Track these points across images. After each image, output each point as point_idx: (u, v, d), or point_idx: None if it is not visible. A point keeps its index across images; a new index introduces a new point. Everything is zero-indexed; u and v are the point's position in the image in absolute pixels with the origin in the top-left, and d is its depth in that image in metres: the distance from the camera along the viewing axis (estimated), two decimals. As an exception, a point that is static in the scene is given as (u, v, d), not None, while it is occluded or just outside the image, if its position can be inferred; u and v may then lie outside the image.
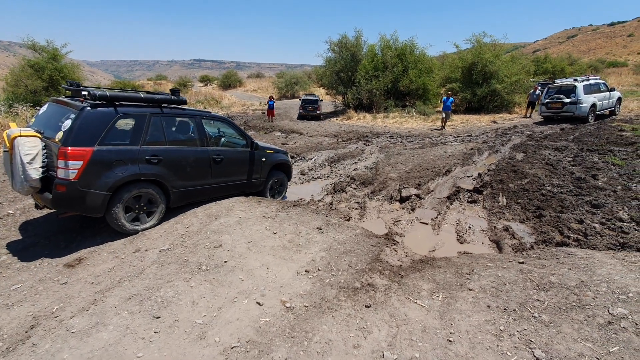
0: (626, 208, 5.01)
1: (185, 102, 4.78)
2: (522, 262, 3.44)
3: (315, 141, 12.87)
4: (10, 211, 5.00)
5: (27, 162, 3.53)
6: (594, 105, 13.54)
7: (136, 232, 4.17)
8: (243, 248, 3.70)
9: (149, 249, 3.77)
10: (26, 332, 2.56)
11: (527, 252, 4.03)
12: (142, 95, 4.33)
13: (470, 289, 3.03)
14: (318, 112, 20.81)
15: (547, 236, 4.47)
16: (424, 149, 10.53)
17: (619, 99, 15.26)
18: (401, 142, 12.26)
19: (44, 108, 4.32)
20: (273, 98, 19.52)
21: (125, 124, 4.17)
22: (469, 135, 12.90)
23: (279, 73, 54.28)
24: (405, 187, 6.62)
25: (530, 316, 2.60)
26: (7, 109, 12.78)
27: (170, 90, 4.81)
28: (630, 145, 8.73)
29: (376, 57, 20.87)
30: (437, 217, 5.43)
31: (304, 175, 8.19)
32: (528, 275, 3.15)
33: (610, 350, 2.20)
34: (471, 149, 9.88)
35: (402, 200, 6.15)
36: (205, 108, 26.94)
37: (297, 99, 32.99)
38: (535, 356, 2.22)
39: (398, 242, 4.35)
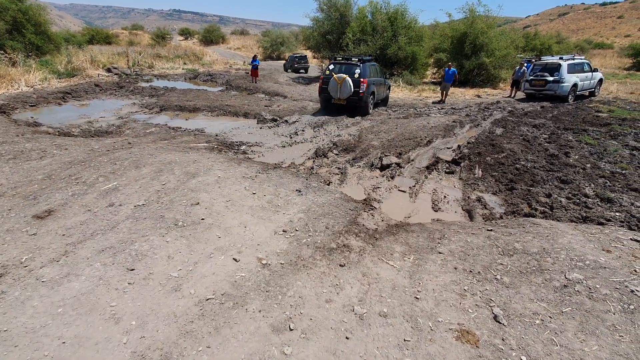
0: (592, 185, 5.27)
1: (373, 59, 11.97)
2: (491, 230, 3.61)
3: (300, 105, 12.58)
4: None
5: (351, 85, 10.00)
6: (575, 85, 13.73)
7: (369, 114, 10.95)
8: (221, 206, 3.68)
9: (123, 203, 3.69)
10: (-6, 280, 2.51)
11: (496, 221, 4.21)
12: (364, 57, 10.75)
13: (440, 252, 3.17)
14: (306, 64, 26.32)
15: (516, 207, 4.67)
16: (408, 119, 10.51)
17: (600, 81, 15.49)
18: (386, 111, 12.19)
19: (332, 66, 10.75)
20: (257, 57, 18.66)
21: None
22: (452, 108, 12.94)
23: (265, 31, 51.60)
24: (386, 156, 6.66)
25: (492, 278, 2.76)
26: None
27: (367, 54, 13.66)
28: (604, 126, 9.03)
29: (365, 20, 20.01)
30: (415, 186, 5.54)
31: (286, 139, 8.08)
32: (495, 241, 3.32)
33: (563, 311, 2.39)
34: (453, 122, 9.96)
35: (383, 168, 6.21)
36: (185, 64, 25.64)
37: (283, 60, 32.42)
38: (493, 313, 2.39)
39: (375, 208, 4.43)
